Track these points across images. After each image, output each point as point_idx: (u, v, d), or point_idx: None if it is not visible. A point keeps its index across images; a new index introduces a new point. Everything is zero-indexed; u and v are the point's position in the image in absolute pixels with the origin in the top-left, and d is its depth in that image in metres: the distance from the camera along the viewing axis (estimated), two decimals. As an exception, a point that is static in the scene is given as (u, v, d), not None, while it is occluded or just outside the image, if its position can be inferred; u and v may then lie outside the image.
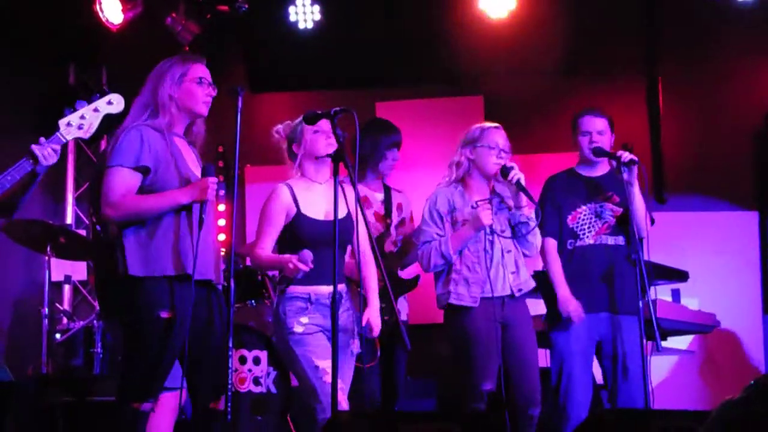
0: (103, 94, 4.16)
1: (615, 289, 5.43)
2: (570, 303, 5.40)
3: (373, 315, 4.77)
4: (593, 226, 5.53)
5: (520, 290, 5.12)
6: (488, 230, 5.07)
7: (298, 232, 4.69)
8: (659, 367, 7.74)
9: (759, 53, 8.13)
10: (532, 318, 5.29)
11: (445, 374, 5.92)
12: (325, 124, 4.67)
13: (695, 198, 8.03)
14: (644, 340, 5.17)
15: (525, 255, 5.23)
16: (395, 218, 6.03)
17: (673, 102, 8.12)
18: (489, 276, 5.04)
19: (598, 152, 5.52)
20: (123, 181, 4.14)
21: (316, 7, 8.15)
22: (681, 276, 6.81)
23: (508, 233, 5.15)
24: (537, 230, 5.20)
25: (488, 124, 5.28)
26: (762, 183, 8.09)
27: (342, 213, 4.54)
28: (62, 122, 4.00)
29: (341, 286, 4.67)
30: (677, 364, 7.79)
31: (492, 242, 5.08)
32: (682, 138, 8.19)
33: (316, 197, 4.71)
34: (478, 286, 5.04)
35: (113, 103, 4.08)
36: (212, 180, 4.17)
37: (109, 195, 4.14)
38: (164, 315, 4.08)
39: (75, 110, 4.03)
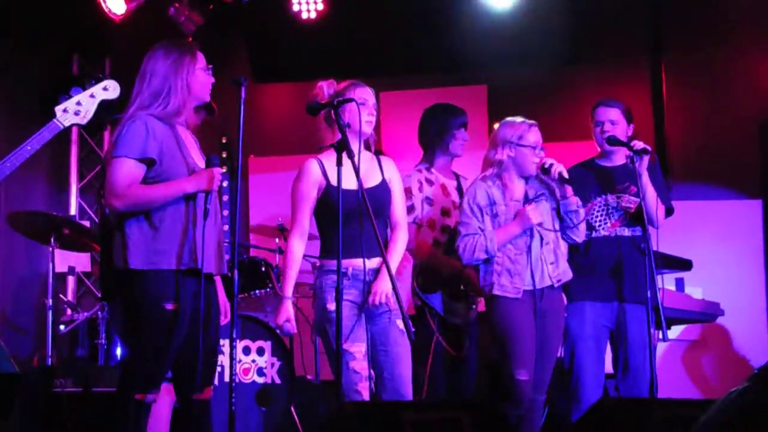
0: (98, 81, 4.16)
1: (629, 279, 5.44)
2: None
3: (378, 283, 4.66)
4: (609, 217, 5.55)
5: (559, 281, 5.23)
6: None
7: (330, 204, 4.60)
8: (662, 356, 7.76)
9: (764, 40, 8.11)
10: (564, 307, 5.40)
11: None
12: (369, 97, 4.76)
13: (699, 186, 8.01)
14: (651, 330, 5.19)
15: (575, 242, 5.32)
16: None
17: (677, 91, 8.12)
18: (531, 268, 5.15)
19: (612, 141, 5.52)
20: (128, 171, 4.14)
21: (319, -3, 8.16)
22: (685, 265, 6.80)
23: (549, 226, 5.22)
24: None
25: (525, 121, 5.31)
26: (767, 171, 8.08)
27: (375, 181, 4.62)
28: (58, 109, 4.00)
29: (378, 260, 4.65)
30: (680, 352, 7.78)
31: (532, 235, 5.17)
32: (686, 126, 8.18)
33: (346, 169, 4.54)
34: (521, 278, 5.15)
35: (109, 89, 4.08)
36: (217, 170, 4.17)
37: (114, 185, 4.14)
38: (169, 307, 4.08)
39: (70, 97, 4.03)
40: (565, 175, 5.16)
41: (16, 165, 4.03)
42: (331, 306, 4.53)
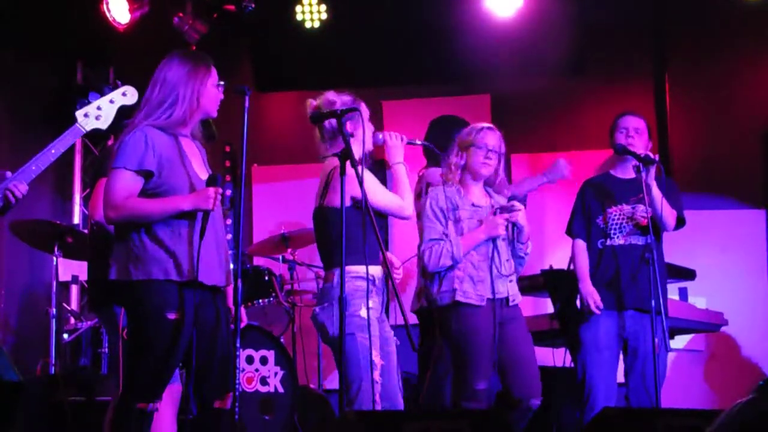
0: (115, 87, 4.18)
1: (642, 288, 5.45)
2: (591, 296, 5.52)
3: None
4: (624, 226, 5.57)
5: (513, 301, 5.14)
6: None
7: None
8: (668, 367, 7.75)
9: (766, 52, 8.12)
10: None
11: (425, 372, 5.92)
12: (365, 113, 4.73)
13: (703, 196, 8.01)
14: (655, 339, 5.20)
15: (521, 263, 5.27)
16: None
17: (680, 101, 8.12)
18: (492, 277, 5.05)
19: (621, 150, 5.56)
20: (125, 183, 4.14)
21: (323, 7, 8.18)
22: (688, 274, 6.81)
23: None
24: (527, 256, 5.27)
25: (483, 125, 5.29)
26: (769, 181, 8.09)
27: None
28: (79, 113, 4.03)
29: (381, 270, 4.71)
30: (683, 362, 7.78)
31: (496, 246, 5.10)
32: (689, 137, 8.19)
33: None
34: (484, 286, 5.05)
35: (127, 94, 4.10)
36: (214, 190, 4.15)
37: (111, 197, 4.14)
38: (171, 317, 4.08)
39: (89, 102, 4.06)
40: (519, 225, 5.10)
41: (41, 168, 4.08)
42: (364, 312, 4.51)
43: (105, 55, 8.47)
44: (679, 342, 7.45)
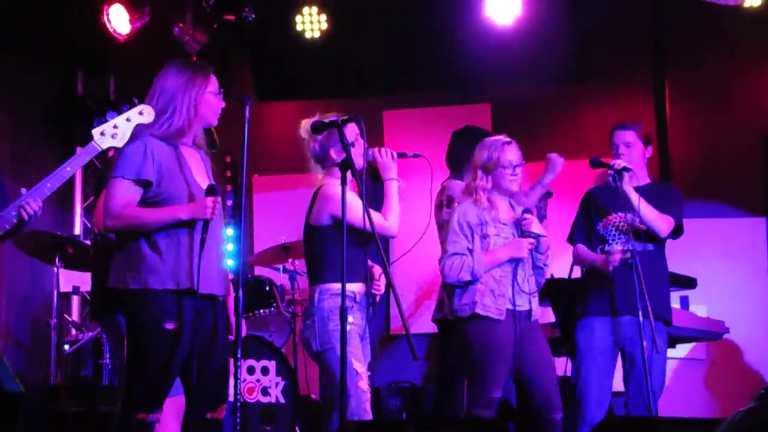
0: (132, 105, 4.19)
1: (638, 294, 5.44)
2: (606, 257, 5.47)
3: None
4: (621, 234, 5.57)
5: (534, 316, 5.18)
6: None
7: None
8: (670, 375, 7.74)
9: (766, 58, 8.13)
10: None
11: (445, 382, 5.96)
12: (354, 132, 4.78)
13: (703, 204, 8.01)
14: (644, 342, 5.20)
15: (539, 282, 5.29)
16: None
17: (680, 108, 8.12)
18: (513, 291, 5.09)
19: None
20: (124, 192, 4.15)
21: (323, 17, 8.19)
22: (689, 283, 6.80)
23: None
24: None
25: (498, 139, 5.29)
26: (770, 189, 8.09)
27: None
28: (96, 131, 4.04)
29: (363, 287, 4.78)
30: (684, 370, 7.76)
31: (519, 265, 5.14)
32: (689, 144, 8.19)
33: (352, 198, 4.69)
34: (504, 299, 5.09)
35: (144, 113, 4.10)
36: (212, 199, 4.16)
37: (109, 206, 4.16)
38: (170, 326, 4.08)
39: (106, 120, 4.07)
40: (539, 244, 5.14)
41: (56, 186, 4.10)
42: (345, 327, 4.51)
43: (105, 65, 8.48)
44: (681, 350, 7.44)
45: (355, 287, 4.70)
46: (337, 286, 4.51)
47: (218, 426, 4.30)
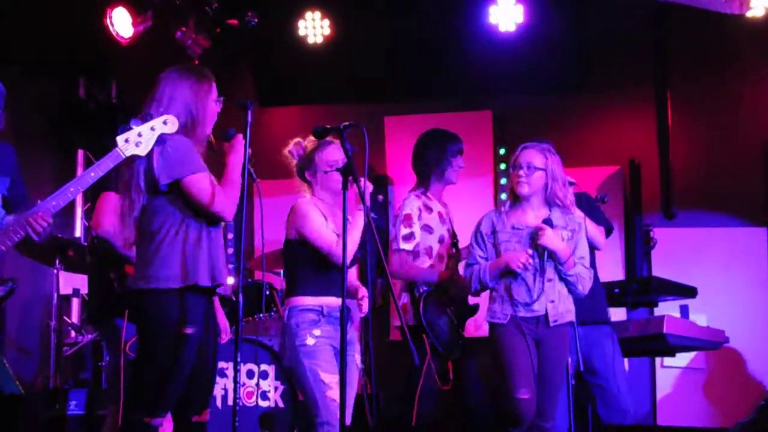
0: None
1: (586, 301, 5.42)
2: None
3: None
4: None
5: (555, 321, 5.17)
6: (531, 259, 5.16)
7: (311, 247, 4.79)
8: (665, 383, 7.74)
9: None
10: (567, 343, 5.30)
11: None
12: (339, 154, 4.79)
13: (704, 214, 8.02)
14: (569, 359, 5.21)
15: (578, 293, 5.25)
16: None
17: (682, 117, 8.12)
18: (529, 299, 5.13)
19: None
20: (210, 183, 4.19)
21: (326, 22, 8.20)
22: (689, 292, 6.80)
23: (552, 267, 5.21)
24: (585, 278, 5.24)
25: (524, 144, 5.40)
26: (771, 199, 8.09)
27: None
28: (120, 138, 4.05)
29: (349, 300, 4.72)
30: (684, 379, 7.76)
31: (537, 270, 5.16)
32: (691, 153, 8.19)
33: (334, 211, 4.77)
34: (511, 306, 5.15)
35: (168, 123, 4.11)
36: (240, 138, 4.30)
37: (216, 201, 4.18)
38: (189, 331, 4.08)
39: (131, 128, 4.06)
40: (549, 247, 5.12)
41: (79, 191, 4.16)
42: (310, 341, 4.64)
43: (107, 69, 8.48)
44: (681, 359, 7.44)
45: (325, 300, 4.70)
46: (304, 300, 4.68)
47: (203, 429, 4.29)
